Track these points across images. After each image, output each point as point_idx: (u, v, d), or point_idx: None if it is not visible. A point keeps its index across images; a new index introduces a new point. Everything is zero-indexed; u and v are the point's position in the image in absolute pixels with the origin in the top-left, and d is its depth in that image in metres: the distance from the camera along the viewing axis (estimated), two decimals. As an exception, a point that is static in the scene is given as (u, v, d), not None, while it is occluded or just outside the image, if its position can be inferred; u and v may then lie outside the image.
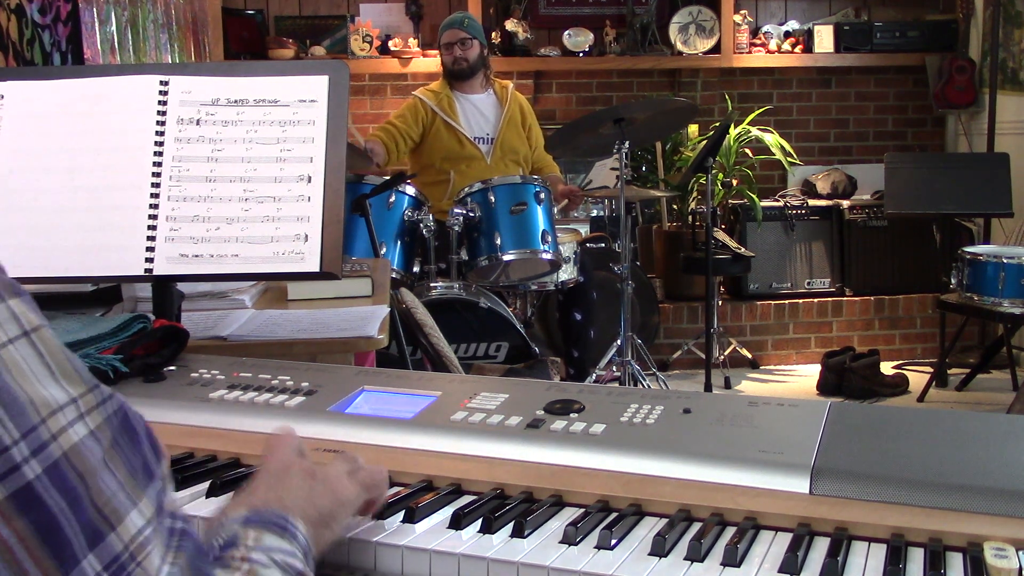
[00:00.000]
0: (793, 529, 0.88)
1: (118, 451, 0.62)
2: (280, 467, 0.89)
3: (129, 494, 0.62)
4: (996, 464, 0.94)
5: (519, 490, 0.98)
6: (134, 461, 0.63)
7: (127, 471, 0.62)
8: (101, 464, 0.61)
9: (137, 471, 0.63)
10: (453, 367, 2.67)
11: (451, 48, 4.24)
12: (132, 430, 0.64)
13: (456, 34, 4.24)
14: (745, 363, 5.20)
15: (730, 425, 1.04)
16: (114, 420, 0.63)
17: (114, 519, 0.60)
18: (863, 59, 5.58)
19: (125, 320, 1.32)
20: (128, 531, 0.61)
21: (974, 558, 0.82)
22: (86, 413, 0.61)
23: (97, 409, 0.62)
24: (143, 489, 0.63)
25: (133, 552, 0.60)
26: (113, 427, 0.63)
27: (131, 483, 0.62)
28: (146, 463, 0.64)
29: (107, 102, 1.52)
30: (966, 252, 4.31)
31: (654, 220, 5.60)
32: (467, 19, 4.35)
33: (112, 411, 0.63)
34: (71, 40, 3.18)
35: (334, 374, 1.27)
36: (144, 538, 0.61)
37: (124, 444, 0.63)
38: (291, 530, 0.80)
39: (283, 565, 0.76)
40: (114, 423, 0.63)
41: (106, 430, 0.62)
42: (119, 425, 0.63)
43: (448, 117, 4.21)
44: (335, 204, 1.50)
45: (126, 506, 0.61)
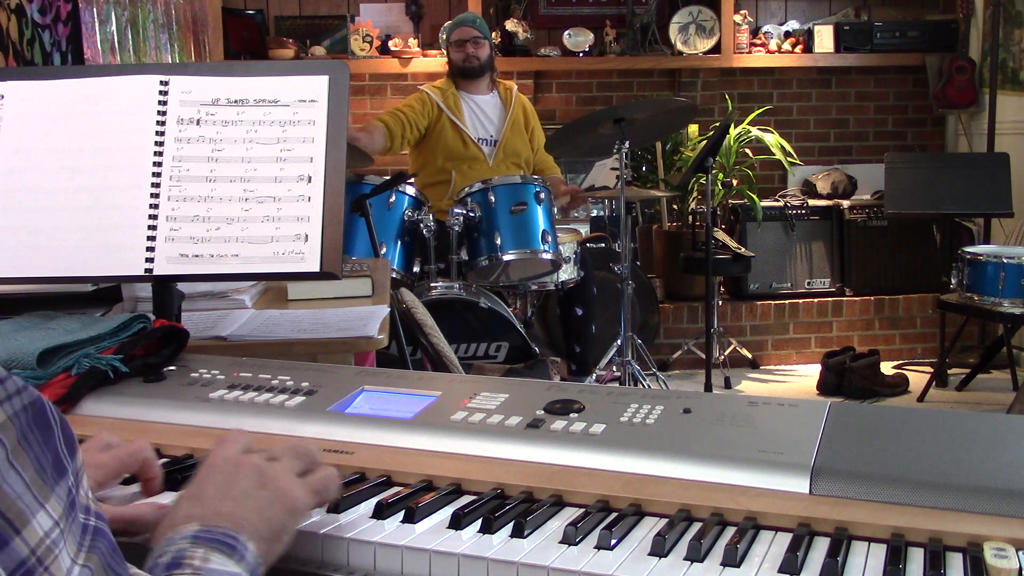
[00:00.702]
0: (793, 529, 0.88)
1: (26, 448, 0.59)
2: (229, 467, 0.86)
3: (36, 495, 0.59)
4: (996, 464, 0.94)
5: (519, 490, 0.98)
6: (43, 458, 0.60)
7: (35, 470, 0.59)
8: (5, 465, 0.57)
9: (46, 468, 0.60)
10: (453, 367, 2.67)
11: (463, 46, 4.23)
12: (45, 424, 0.61)
13: (468, 32, 4.24)
14: (745, 363, 5.20)
15: (730, 425, 1.04)
16: (23, 416, 0.60)
17: (19, 522, 0.57)
18: (863, 59, 5.59)
19: (125, 320, 1.32)
20: (35, 534, 0.58)
21: (974, 558, 0.82)
22: None
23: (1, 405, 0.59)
24: (52, 487, 0.60)
25: (40, 556, 0.58)
26: (22, 423, 0.59)
27: (38, 482, 0.59)
28: (58, 458, 0.61)
29: (107, 102, 1.51)
30: (966, 252, 4.31)
31: (654, 220, 5.60)
32: (478, 19, 4.37)
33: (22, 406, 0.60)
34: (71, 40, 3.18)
35: (334, 374, 1.27)
36: (51, 541, 0.59)
37: (34, 440, 0.60)
38: (240, 550, 0.78)
39: None
40: (23, 419, 0.59)
41: (12, 428, 0.59)
42: (30, 420, 0.60)
43: (454, 116, 4.21)
44: (335, 204, 1.50)
45: (32, 508, 0.58)
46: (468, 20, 4.33)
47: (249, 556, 0.79)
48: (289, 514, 0.85)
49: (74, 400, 1.21)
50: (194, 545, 0.76)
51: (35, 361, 1.21)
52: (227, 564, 0.76)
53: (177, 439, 1.13)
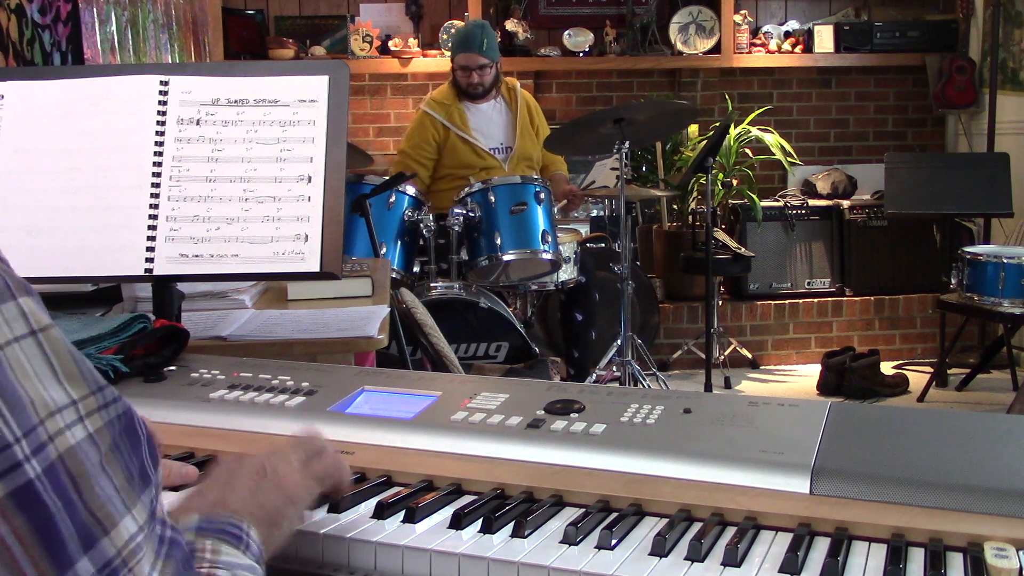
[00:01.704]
0: (793, 529, 0.88)
1: (117, 455, 0.62)
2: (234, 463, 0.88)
3: (124, 499, 0.62)
4: (996, 464, 0.94)
5: (519, 490, 0.98)
6: (132, 466, 0.63)
7: (124, 476, 0.62)
8: (98, 468, 0.60)
9: (134, 476, 0.63)
10: (453, 367, 2.67)
11: (468, 72, 4.13)
12: (135, 434, 0.64)
13: (475, 60, 4.10)
14: (745, 363, 5.20)
15: (730, 425, 1.04)
16: (116, 424, 0.63)
17: (108, 523, 0.60)
18: (863, 59, 5.58)
19: (125, 320, 1.32)
20: (121, 536, 0.61)
21: (974, 558, 0.82)
22: (86, 416, 0.61)
23: (98, 412, 0.62)
24: (138, 495, 0.63)
25: (125, 558, 0.60)
26: (115, 431, 0.62)
27: (127, 488, 0.62)
28: (143, 468, 0.64)
29: (107, 102, 1.52)
30: (966, 252, 4.31)
31: (654, 220, 5.60)
32: (486, 41, 4.11)
33: (116, 415, 0.63)
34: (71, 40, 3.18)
35: (334, 374, 1.27)
36: (136, 544, 0.61)
37: (124, 448, 0.63)
38: (245, 539, 0.79)
39: None
40: (116, 427, 0.63)
41: (106, 434, 0.62)
42: (122, 429, 0.63)
43: (461, 131, 4.15)
44: (335, 204, 1.50)
45: (120, 511, 0.61)
46: (475, 44, 4.10)
47: (254, 545, 0.80)
48: (287, 500, 0.85)
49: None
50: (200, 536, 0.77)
51: (35, 361, 1.21)
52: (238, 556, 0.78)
53: (177, 439, 1.13)
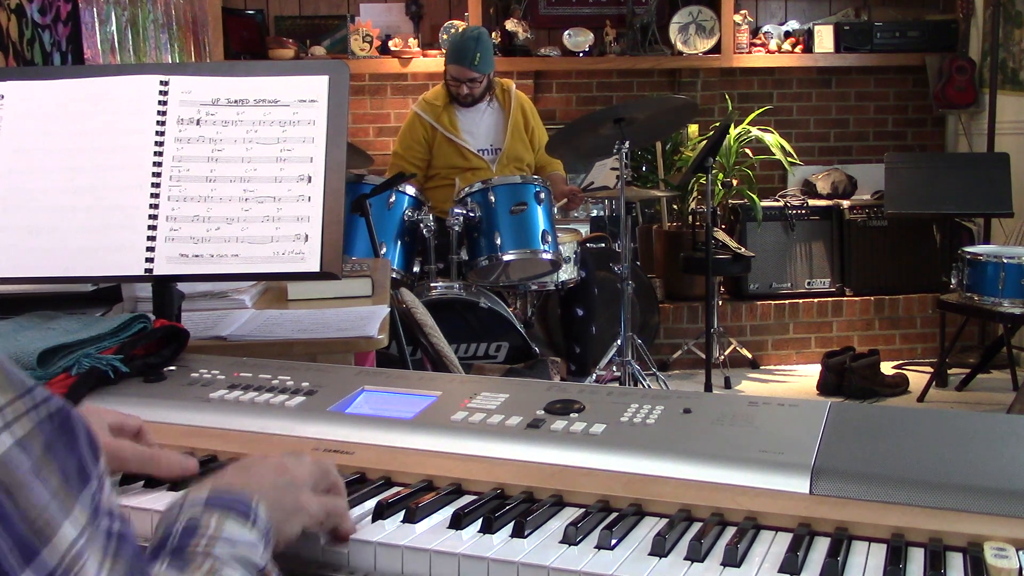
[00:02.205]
0: (793, 529, 0.88)
1: (51, 457, 0.60)
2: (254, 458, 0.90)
3: (62, 504, 0.59)
4: (996, 464, 0.94)
5: (519, 490, 0.98)
6: (68, 465, 0.61)
7: (60, 478, 0.60)
8: (30, 475, 0.58)
9: (71, 476, 0.61)
10: (453, 367, 2.67)
11: (458, 84, 4.16)
12: (71, 431, 0.62)
13: (465, 73, 4.12)
14: (745, 363, 5.20)
15: (730, 425, 1.04)
16: (48, 424, 0.60)
17: (48, 532, 0.58)
18: (863, 59, 5.58)
19: (125, 320, 1.32)
20: (62, 543, 0.59)
21: (974, 558, 0.82)
22: (12, 421, 0.58)
23: (27, 415, 0.59)
24: (77, 495, 0.61)
25: (67, 565, 0.59)
26: (47, 432, 0.60)
27: (63, 492, 0.60)
28: (82, 464, 0.62)
29: (107, 102, 1.51)
30: (966, 252, 4.31)
31: (654, 220, 5.60)
32: (479, 55, 4.10)
33: (47, 414, 0.61)
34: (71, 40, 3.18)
35: (334, 374, 1.27)
36: (78, 550, 0.59)
37: (59, 448, 0.61)
38: (251, 515, 0.79)
39: (245, 560, 0.75)
40: (48, 427, 0.60)
41: (38, 436, 0.59)
42: (55, 428, 0.61)
43: (449, 132, 4.18)
44: (335, 204, 1.50)
45: (59, 517, 0.59)
46: (468, 57, 4.09)
47: (261, 521, 0.80)
48: (298, 507, 0.86)
49: (74, 400, 1.21)
50: (207, 510, 0.78)
51: (35, 361, 1.21)
52: (241, 531, 0.77)
53: (177, 439, 1.13)
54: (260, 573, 0.76)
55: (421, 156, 4.23)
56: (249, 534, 0.78)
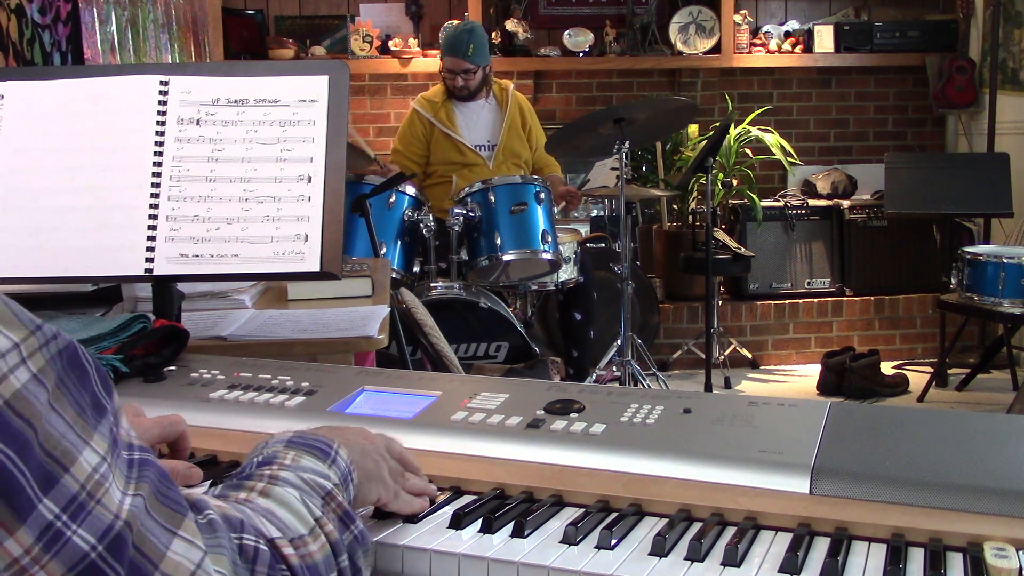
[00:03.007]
0: (793, 529, 0.88)
1: (64, 391, 0.61)
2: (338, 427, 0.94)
3: (79, 434, 0.61)
4: (996, 464, 0.94)
5: (519, 490, 0.98)
6: (82, 399, 0.62)
7: (75, 411, 0.61)
8: (47, 407, 0.59)
9: (86, 409, 0.62)
10: (453, 367, 2.67)
11: (453, 76, 4.20)
12: (81, 367, 0.63)
13: (459, 64, 4.16)
14: (745, 363, 5.20)
15: (730, 425, 1.04)
16: (58, 360, 0.61)
17: (66, 460, 0.59)
18: (863, 59, 5.58)
19: (125, 320, 1.32)
20: (83, 470, 0.60)
21: (974, 558, 0.82)
22: (28, 357, 0.60)
23: (39, 351, 0.60)
24: (94, 426, 0.62)
25: (90, 491, 0.60)
26: (58, 367, 0.61)
27: (80, 422, 0.61)
28: (96, 399, 0.63)
29: (107, 102, 1.51)
30: (966, 252, 4.31)
31: (654, 220, 5.60)
32: (472, 46, 4.14)
33: (57, 351, 0.62)
34: (71, 40, 3.18)
35: (334, 374, 1.27)
36: (100, 475, 0.61)
37: (71, 383, 0.62)
38: (333, 455, 0.83)
39: (309, 484, 0.78)
40: (58, 363, 0.61)
41: (50, 371, 0.61)
42: (65, 364, 0.62)
43: (446, 128, 4.21)
44: (335, 204, 1.50)
45: (77, 446, 0.60)
46: (461, 49, 4.14)
47: (341, 462, 0.84)
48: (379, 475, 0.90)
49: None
50: (287, 448, 0.82)
51: (35, 361, 1.21)
52: (316, 464, 0.81)
53: (177, 439, 1.13)
54: (327, 495, 0.79)
55: (420, 153, 4.26)
56: (324, 468, 0.81)
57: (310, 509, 0.76)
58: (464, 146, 4.22)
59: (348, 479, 0.83)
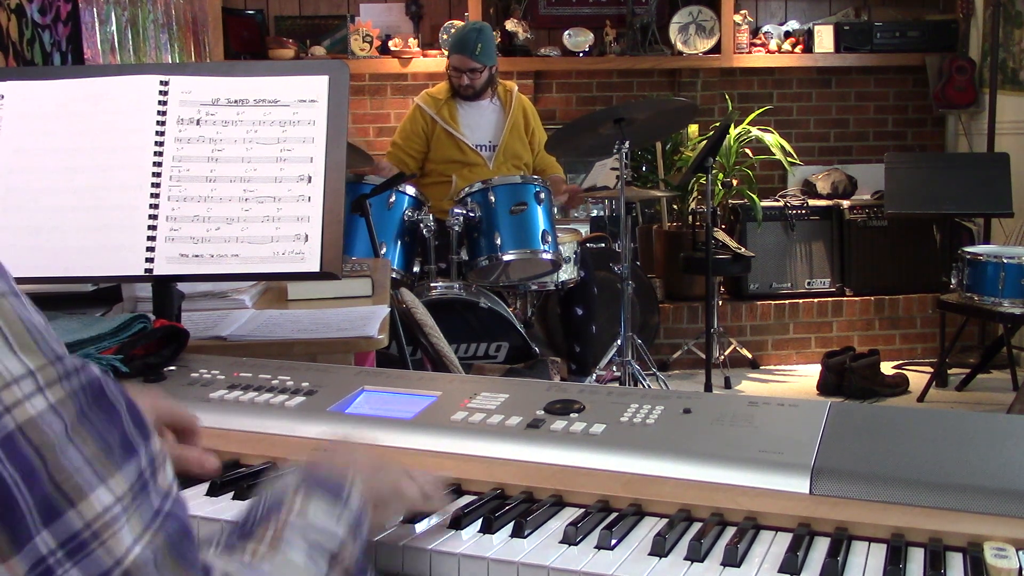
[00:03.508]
0: (793, 529, 0.88)
1: (86, 425, 0.60)
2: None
3: (97, 470, 0.59)
4: (996, 464, 0.94)
5: (519, 490, 0.98)
6: (109, 436, 0.61)
7: (98, 447, 0.60)
8: (63, 438, 0.58)
9: (113, 447, 0.60)
10: (453, 367, 2.67)
11: (459, 74, 4.20)
12: (108, 404, 0.62)
13: (466, 63, 4.17)
14: (745, 363, 5.20)
15: (730, 425, 1.04)
16: (83, 394, 0.60)
17: (75, 495, 0.58)
18: (863, 59, 5.58)
19: (125, 320, 1.32)
20: (92, 508, 0.58)
21: (974, 558, 0.82)
22: (46, 386, 0.59)
23: (60, 383, 0.60)
24: (119, 465, 0.60)
25: (97, 530, 0.58)
26: (80, 401, 0.60)
27: (101, 459, 0.59)
28: (125, 439, 0.62)
29: (107, 102, 1.52)
30: (966, 252, 4.31)
31: (654, 220, 5.59)
32: (480, 45, 4.15)
33: (83, 384, 0.61)
34: (71, 40, 3.18)
35: (334, 374, 1.27)
36: (112, 516, 0.59)
37: (96, 418, 0.61)
38: (343, 496, 0.80)
39: (316, 545, 0.74)
40: (83, 397, 0.60)
41: (71, 404, 0.59)
42: (90, 399, 0.61)
43: (448, 125, 4.21)
44: (335, 204, 1.50)
45: (91, 483, 0.58)
46: (469, 47, 4.15)
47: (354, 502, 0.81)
48: (395, 493, 0.89)
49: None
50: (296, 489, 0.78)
51: (35, 361, 1.21)
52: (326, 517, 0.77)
53: (177, 439, 1.13)
54: (333, 557, 0.75)
55: (419, 149, 4.26)
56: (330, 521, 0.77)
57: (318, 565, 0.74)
58: (465, 145, 4.22)
59: (360, 519, 0.80)
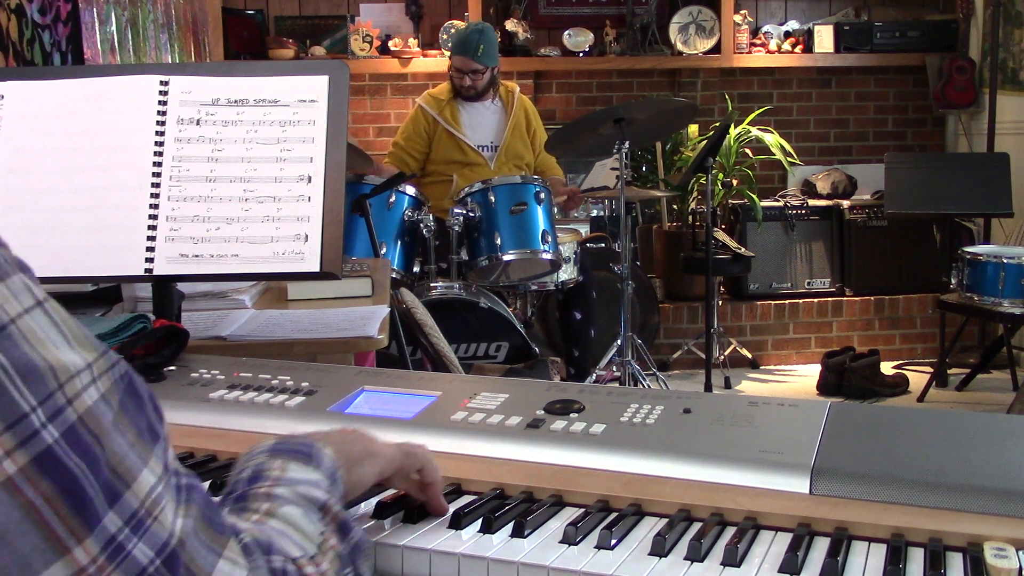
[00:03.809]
0: (793, 529, 0.88)
1: (126, 413, 0.64)
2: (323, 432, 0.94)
3: (139, 454, 0.64)
4: (996, 464, 0.94)
5: (519, 490, 0.98)
6: (140, 423, 0.65)
7: (135, 432, 0.64)
8: (112, 426, 0.62)
9: (144, 432, 0.65)
10: (453, 367, 2.67)
11: (461, 75, 4.21)
12: (137, 393, 0.66)
13: (468, 64, 4.17)
14: (745, 363, 5.20)
15: (730, 425, 1.04)
16: (121, 384, 0.65)
17: (128, 478, 0.62)
18: (863, 59, 5.58)
19: (125, 320, 1.32)
20: (142, 488, 0.63)
21: (974, 558, 0.82)
22: (98, 377, 0.63)
23: (107, 373, 0.64)
24: (151, 447, 0.65)
25: (148, 508, 0.63)
26: (121, 390, 0.64)
27: (140, 444, 0.64)
28: (151, 424, 0.66)
29: (107, 102, 1.51)
30: (966, 252, 4.31)
31: (654, 220, 5.59)
32: (482, 46, 4.15)
33: (119, 375, 0.65)
34: (71, 40, 3.18)
35: (334, 374, 1.27)
36: (157, 494, 0.63)
37: (131, 407, 0.65)
38: (316, 456, 0.84)
39: (306, 497, 0.79)
40: (121, 387, 0.65)
41: (115, 393, 0.64)
42: (126, 388, 0.65)
43: (450, 126, 4.21)
44: (335, 204, 1.50)
45: (138, 465, 0.63)
46: (471, 49, 4.15)
47: (326, 461, 0.84)
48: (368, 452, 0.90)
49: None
50: (271, 457, 0.82)
51: (35, 361, 1.21)
52: (305, 471, 0.81)
53: (177, 439, 1.12)
54: (322, 508, 0.79)
55: (420, 149, 4.27)
56: (313, 474, 0.81)
57: (314, 525, 0.77)
58: (467, 145, 4.22)
59: (335, 476, 0.84)
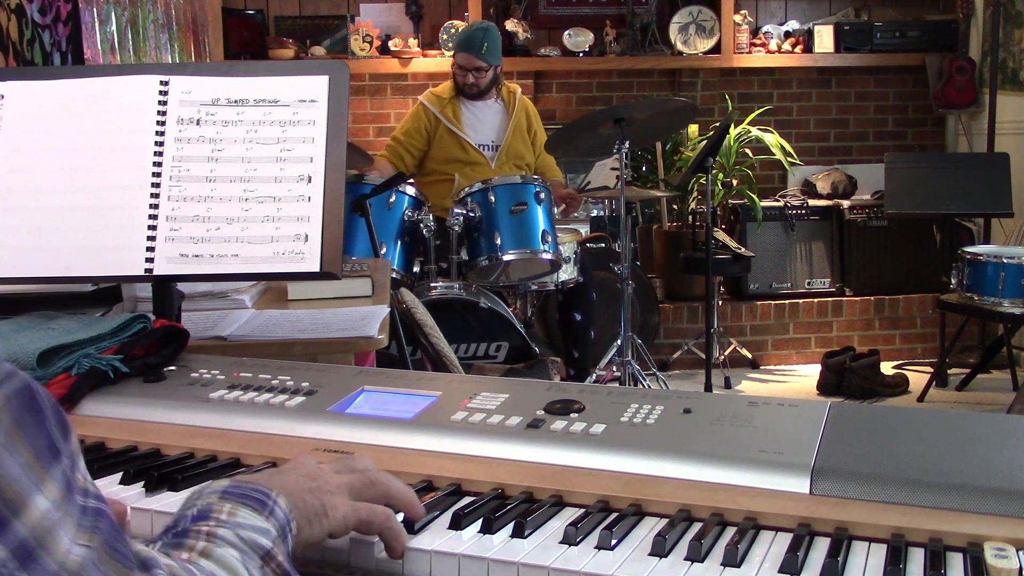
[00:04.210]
0: (793, 529, 0.88)
1: (21, 432, 0.60)
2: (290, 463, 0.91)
3: (33, 477, 0.60)
4: (996, 464, 0.94)
5: (519, 490, 0.98)
6: (38, 441, 0.61)
7: (31, 453, 0.60)
8: (1, 448, 0.59)
9: (41, 451, 0.61)
10: (453, 367, 2.67)
11: (464, 72, 4.21)
12: (37, 408, 0.62)
13: (471, 61, 4.18)
14: (745, 363, 5.20)
15: (730, 425, 1.04)
16: (15, 401, 0.61)
17: (17, 504, 0.58)
18: (863, 59, 5.58)
19: (125, 320, 1.32)
20: (32, 515, 0.59)
21: (974, 558, 0.82)
22: None
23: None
24: (47, 469, 0.61)
25: (39, 536, 0.59)
26: (14, 408, 0.61)
27: (34, 466, 0.60)
28: (51, 441, 0.62)
29: (107, 102, 1.51)
30: (966, 252, 4.31)
31: (654, 220, 5.60)
32: (486, 44, 4.16)
33: (13, 391, 0.61)
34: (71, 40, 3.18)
35: (334, 374, 1.27)
36: (50, 521, 0.60)
37: (28, 424, 0.61)
38: (270, 505, 0.79)
39: (248, 543, 0.75)
40: (15, 404, 0.61)
41: (6, 412, 0.60)
42: (22, 405, 0.61)
43: (452, 124, 4.22)
44: (335, 204, 1.50)
45: (29, 490, 0.59)
46: (475, 46, 4.16)
47: (279, 511, 0.80)
48: (323, 508, 0.85)
49: (74, 400, 1.21)
50: (222, 500, 0.78)
51: (35, 361, 1.21)
52: (254, 518, 0.77)
53: (177, 439, 1.13)
54: (265, 557, 0.75)
55: (419, 146, 4.27)
56: (262, 522, 0.77)
57: (250, 572, 0.74)
58: (468, 144, 4.23)
59: (286, 530, 0.80)
